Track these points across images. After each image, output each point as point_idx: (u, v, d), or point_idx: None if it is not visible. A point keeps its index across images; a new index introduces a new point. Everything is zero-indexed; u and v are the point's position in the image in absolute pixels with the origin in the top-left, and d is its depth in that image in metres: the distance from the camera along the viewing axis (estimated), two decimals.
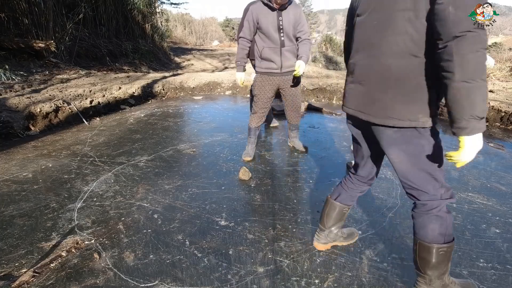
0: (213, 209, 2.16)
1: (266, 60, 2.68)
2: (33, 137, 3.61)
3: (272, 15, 2.55)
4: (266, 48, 2.64)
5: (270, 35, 2.59)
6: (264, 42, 2.64)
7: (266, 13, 2.55)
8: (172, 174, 2.69)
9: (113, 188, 2.44)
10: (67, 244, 1.79)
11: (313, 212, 2.12)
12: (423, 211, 1.26)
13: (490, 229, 1.93)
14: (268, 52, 2.64)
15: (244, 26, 2.68)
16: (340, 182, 1.66)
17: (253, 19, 2.59)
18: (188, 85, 6.29)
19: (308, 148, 3.21)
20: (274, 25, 2.56)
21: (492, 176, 2.63)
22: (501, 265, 1.62)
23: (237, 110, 4.92)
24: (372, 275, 1.55)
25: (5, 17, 5.94)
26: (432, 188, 1.24)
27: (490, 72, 6.80)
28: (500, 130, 3.90)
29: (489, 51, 19.84)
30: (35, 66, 6.00)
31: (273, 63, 2.67)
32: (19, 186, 2.46)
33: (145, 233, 1.89)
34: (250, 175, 2.61)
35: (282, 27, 2.57)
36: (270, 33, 2.59)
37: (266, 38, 2.63)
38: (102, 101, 4.72)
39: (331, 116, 4.58)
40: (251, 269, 1.60)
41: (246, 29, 2.65)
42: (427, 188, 1.24)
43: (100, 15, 8.19)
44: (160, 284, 1.50)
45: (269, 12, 2.55)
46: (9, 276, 1.55)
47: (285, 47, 2.64)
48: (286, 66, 2.69)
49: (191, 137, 3.63)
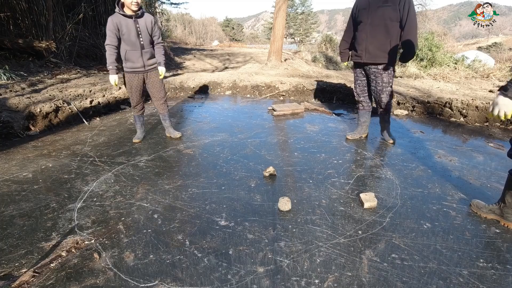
0: (213, 209, 2.16)
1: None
2: (33, 137, 3.61)
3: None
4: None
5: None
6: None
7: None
8: (172, 174, 2.69)
9: (113, 188, 2.44)
10: (67, 244, 1.79)
11: (313, 212, 2.12)
12: None
13: (490, 229, 1.93)
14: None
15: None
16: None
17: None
18: (188, 85, 6.29)
19: (308, 148, 3.21)
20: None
21: (492, 176, 2.63)
22: (501, 265, 1.63)
23: (237, 110, 4.92)
24: (372, 275, 1.56)
25: (5, 17, 5.94)
26: None
27: (490, 72, 6.80)
28: (500, 130, 3.90)
29: (489, 51, 19.84)
30: (35, 66, 6.00)
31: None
32: (19, 186, 2.46)
33: (145, 233, 1.89)
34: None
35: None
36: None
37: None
38: (102, 101, 4.72)
39: (331, 116, 4.58)
40: (251, 269, 1.60)
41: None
42: None
43: (100, 15, 8.19)
44: (160, 284, 1.50)
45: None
46: (9, 276, 1.55)
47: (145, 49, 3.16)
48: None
49: (191, 137, 3.63)
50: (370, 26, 2.92)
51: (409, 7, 2.78)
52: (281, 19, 7.82)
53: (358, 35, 3.05)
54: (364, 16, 2.95)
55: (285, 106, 4.78)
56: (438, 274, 1.56)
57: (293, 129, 3.92)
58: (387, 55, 2.94)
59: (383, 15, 2.84)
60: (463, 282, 1.51)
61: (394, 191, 2.39)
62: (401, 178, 2.61)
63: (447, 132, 3.77)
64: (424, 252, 1.72)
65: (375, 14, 2.87)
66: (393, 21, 2.83)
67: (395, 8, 2.80)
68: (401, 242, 1.80)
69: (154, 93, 3.38)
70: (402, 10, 2.79)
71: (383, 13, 2.84)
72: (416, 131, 3.82)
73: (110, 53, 3.01)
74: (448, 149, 3.19)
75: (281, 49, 8.32)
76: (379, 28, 2.89)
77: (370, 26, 2.92)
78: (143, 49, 3.11)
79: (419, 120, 4.31)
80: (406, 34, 2.84)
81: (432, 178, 2.60)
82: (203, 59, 11.71)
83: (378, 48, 2.93)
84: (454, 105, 4.31)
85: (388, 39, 2.89)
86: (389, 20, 2.83)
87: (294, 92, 5.88)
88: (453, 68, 7.20)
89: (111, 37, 2.97)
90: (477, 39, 42.99)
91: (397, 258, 1.68)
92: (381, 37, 2.90)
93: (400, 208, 2.16)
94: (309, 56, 12.99)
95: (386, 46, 2.91)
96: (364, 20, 2.95)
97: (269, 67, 7.88)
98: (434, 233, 1.89)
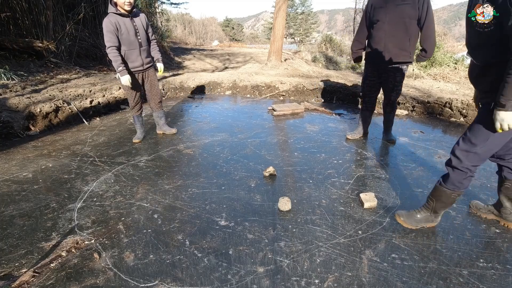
0: (213, 209, 2.16)
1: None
2: (33, 137, 3.61)
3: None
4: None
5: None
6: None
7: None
8: (172, 174, 2.69)
9: (113, 188, 2.44)
10: (67, 244, 1.79)
11: (313, 212, 2.12)
12: None
13: (490, 229, 1.93)
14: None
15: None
16: None
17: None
18: (188, 85, 6.29)
19: (308, 148, 3.21)
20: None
21: (492, 176, 2.62)
22: (501, 265, 1.63)
23: (237, 110, 4.92)
24: (372, 275, 1.56)
25: (5, 17, 5.94)
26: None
27: None
28: None
29: None
30: (35, 66, 6.00)
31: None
32: (19, 186, 2.46)
33: (145, 233, 1.89)
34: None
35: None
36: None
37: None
38: (102, 101, 4.72)
39: (331, 116, 4.58)
40: (251, 269, 1.60)
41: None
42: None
43: (100, 15, 8.18)
44: (160, 284, 1.50)
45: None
46: (9, 276, 1.55)
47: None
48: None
49: (191, 137, 3.63)
50: (388, 25, 2.86)
51: (427, 6, 2.75)
52: (281, 19, 7.82)
53: (375, 34, 2.98)
54: (381, 14, 2.88)
55: (285, 106, 4.78)
56: (438, 274, 1.56)
57: (293, 129, 3.92)
58: (407, 53, 2.91)
59: (402, 13, 2.78)
60: (463, 282, 1.51)
61: (394, 191, 2.39)
62: (401, 178, 2.61)
63: (447, 132, 3.77)
64: (424, 252, 1.72)
65: (394, 12, 2.82)
66: (412, 19, 2.78)
67: (414, 6, 2.75)
68: (401, 242, 1.80)
69: (152, 91, 3.42)
70: (421, 9, 2.75)
71: (402, 11, 2.78)
72: (416, 131, 3.82)
73: (115, 54, 2.95)
74: (448, 149, 3.19)
75: (281, 49, 8.32)
76: (398, 26, 2.83)
77: (389, 24, 2.86)
78: (141, 47, 3.12)
79: (419, 120, 4.30)
80: (426, 33, 2.81)
81: (432, 178, 2.59)
82: (203, 59, 11.71)
83: (397, 46, 2.89)
84: (454, 105, 4.31)
85: (407, 37, 2.85)
86: (408, 18, 2.78)
87: (294, 92, 5.88)
88: (453, 68, 7.20)
89: (112, 39, 2.90)
90: None
91: (397, 258, 1.68)
92: (400, 36, 2.85)
93: (400, 208, 2.16)
94: (309, 56, 12.99)
95: (405, 44, 2.87)
96: (381, 19, 2.89)
97: (269, 67, 7.88)
98: (434, 233, 1.89)
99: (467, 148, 1.60)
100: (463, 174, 1.66)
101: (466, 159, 1.61)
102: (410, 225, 1.92)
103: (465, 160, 1.62)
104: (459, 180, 1.69)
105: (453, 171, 1.69)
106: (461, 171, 1.65)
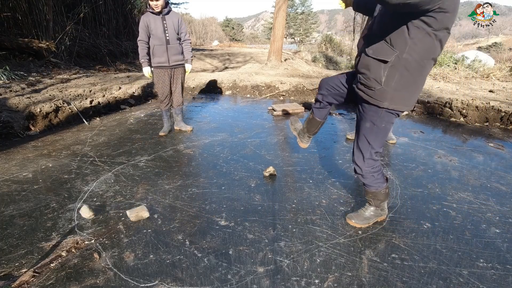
0: (213, 209, 2.16)
1: None
2: (33, 137, 3.61)
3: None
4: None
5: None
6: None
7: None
8: (172, 174, 2.69)
9: (113, 188, 2.44)
10: (67, 244, 1.79)
11: (313, 212, 2.12)
12: None
13: (490, 229, 1.93)
14: None
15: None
16: None
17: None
18: (188, 85, 6.29)
19: (308, 148, 3.20)
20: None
21: (492, 176, 2.63)
22: (501, 265, 1.63)
23: (237, 110, 4.92)
24: (372, 275, 1.56)
25: (5, 17, 5.94)
26: None
27: (490, 72, 6.80)
28: (500, 130, 3.90)
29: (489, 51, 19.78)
30: (35, 66, 6.00)
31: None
32: (19, 186, 2.46)
33: (145, 233, 1.89)
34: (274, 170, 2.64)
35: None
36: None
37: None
38: (102, 101, 4.72)
39: (330, 116, 4.58)
40: (251, 269, 1.60)
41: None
42: None
43: (100, 15, 8.18)
44: (160, 284, 1.50)
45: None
46: (9, 276, 1.55)
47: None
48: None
49: (191, 137, 3.63)
50: None
51: None
52: (281, 19, 7.82)
53: None
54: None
55: (285, 106, 4.78)
56: (438, 274, 1.56)
57: None
58: None
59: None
60: (463, 282, 1.51)
61: (394, 191, 2.39)
62: (401, 178, 2.61)
63: (447, 132, 3.77)
64: (424, 252, 1.72)
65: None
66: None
67: None
68: (401, 242, 1.80)
69: (175, 89, 3.61)
70: None
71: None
72: (416, 131, 3.82)
73: (142, 47, 3.31)
74: (448, 149, 3.19)
75: (281, 49, 8.32)
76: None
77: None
78: (169, 44, 3.32)
79: (419, 120, 4.30)
80: None
81: (432, 178, 2.60)
82: (203, 59, 11.71)
83: None
84: (454, 105, 4.31)
85: None
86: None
87: (294, 92, 5.88)
88: (453, 68, 7.20)
89: (142, 34, 3.26)
90: (477, 39, 42.97)
91: (397, 258, 1.68)
92: None
93: (400, 208, 2.16)
94: (309, 56, 12.98)
95: None
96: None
97: (269, 67, 7.88)
98: (434, 233, 1.89)
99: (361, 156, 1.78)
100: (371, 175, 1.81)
101: (363, 165, 1.79)
102: (362, 224, 1.95)
103: (363, 166, 1.79)
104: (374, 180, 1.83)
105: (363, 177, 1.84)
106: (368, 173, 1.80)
